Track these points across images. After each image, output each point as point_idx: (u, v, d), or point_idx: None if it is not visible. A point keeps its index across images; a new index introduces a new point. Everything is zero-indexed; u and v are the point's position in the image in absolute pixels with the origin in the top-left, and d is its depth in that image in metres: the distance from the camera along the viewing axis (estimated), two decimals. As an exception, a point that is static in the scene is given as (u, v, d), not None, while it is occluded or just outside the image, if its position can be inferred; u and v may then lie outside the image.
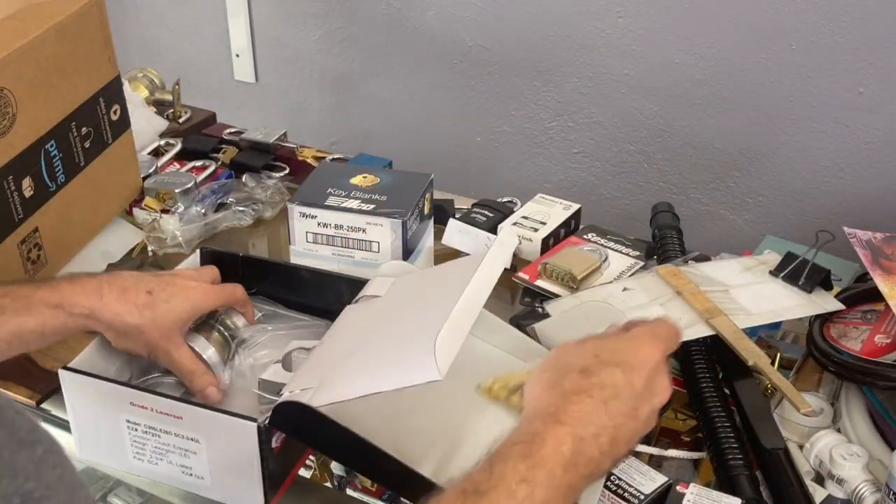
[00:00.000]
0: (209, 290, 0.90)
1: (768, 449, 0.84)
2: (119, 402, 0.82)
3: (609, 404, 0.65)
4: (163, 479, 0.85)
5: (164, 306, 0.85)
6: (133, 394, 0.81)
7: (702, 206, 1.60)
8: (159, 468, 0.84)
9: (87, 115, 1.12)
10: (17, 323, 0.81)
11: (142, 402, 0.81)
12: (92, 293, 0.83)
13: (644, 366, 0.68)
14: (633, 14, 1.51)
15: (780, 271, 1.02)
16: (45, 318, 0.82)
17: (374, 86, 1.85)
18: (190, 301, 0.87)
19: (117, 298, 0.83)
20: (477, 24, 1.66)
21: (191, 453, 0.82)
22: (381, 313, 0.87)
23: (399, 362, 0.72)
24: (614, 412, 0.65)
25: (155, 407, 0.81)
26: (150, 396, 0.81)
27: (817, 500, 0.82)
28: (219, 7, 1.94)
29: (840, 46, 1.37)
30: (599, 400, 0.65)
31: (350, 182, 1.05)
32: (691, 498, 0.76)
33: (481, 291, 0.76)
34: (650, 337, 0.71)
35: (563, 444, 0.63)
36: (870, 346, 0.91)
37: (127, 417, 0.83)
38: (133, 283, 0.85)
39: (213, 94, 2.02)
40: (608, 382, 0.66)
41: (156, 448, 0.83)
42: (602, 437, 0.64)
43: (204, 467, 0.82)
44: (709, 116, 1.53)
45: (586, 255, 1.13)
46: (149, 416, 0.81)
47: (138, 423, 0.82)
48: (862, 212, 1.46)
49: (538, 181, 1.73)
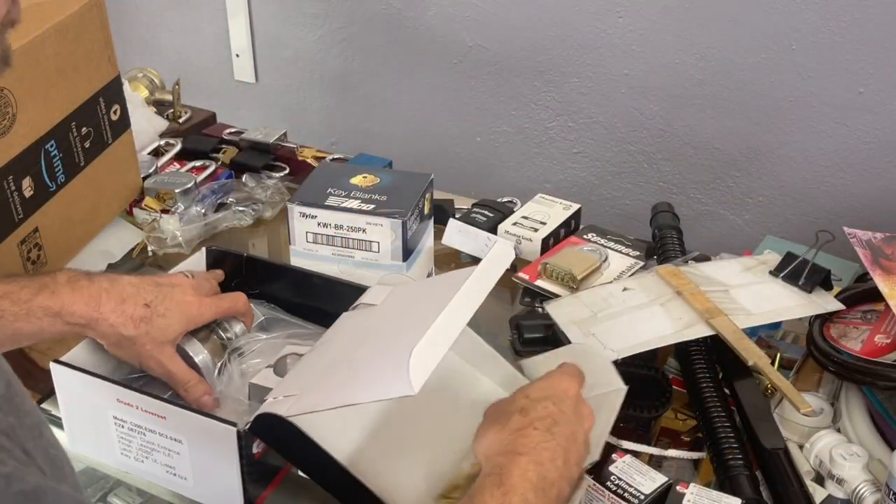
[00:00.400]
0: (207, 304, 0.90)
1: (768, 449, 0.84)
2: (107, 399, 0.83)
3: (553, 430, 0.72)
4: (149, 477, 0.86)
5: (160, 321, 0.86)
6: (120, 391, 0.82)
7: (702, 206, 1.60)
8: (145, 466, 0.85)
9: (87, 115, 1.12)
10: (14, 328, 0.82)
11: (128, 399, 0.81)
12: (90, 302, 0.84)
13: (567, 396, 0.76)
14: (633, 14, 1.51)
15: (780, 271, 1.02)
16: (42, 325, 0.83)
17: (374, 86, 1.85)
18: (186, 316, 0.88)
19: (114, 309, 0.84)
20: (477, 24, 1.66)
21: (174, 453, 0.82)
22: (371, 323, 0.87)
23: (375, 375, 0.72)
24: (559, 437, 0.72)
25: (141, 405, 0.81)
26: (137, 395, 0.81)
27: (817, 500, 0.82)
28: (219, 7, 1.94)
29: (840, 46, 1.37)
30: (544, 429, 0.72)
31: (350, 182, 1.05)
32: (691, 498, 0.76)
33: (467, 306, 0.75)
34: (563, 374, 0.79)
35: (528, 470, 0.68)
36: (870, 346, 0.91)
37: (114, 414, 0.83)
38: (132, 294, 0.86)
39: (213, 94, 2.02)
40: (545, 414, 0.73)
41: (141, 446, 0.83)
42: (557, 460, 0.70)
43: (187, 468, 0.82)
44: (709, 116, 1.53)
45: (586, 255, 1.13)
46: (135, 414, 0.82)
47: (125, 420, 0.83)
48: (862, 212, 1.46)
49: (538, 181, 1.73)
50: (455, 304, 0.72)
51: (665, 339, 0.93)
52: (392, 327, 0.81)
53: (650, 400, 0.91)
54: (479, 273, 0.76)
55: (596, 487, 0.78)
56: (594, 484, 0.78)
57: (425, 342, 0.68)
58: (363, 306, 0.91)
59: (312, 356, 0.84)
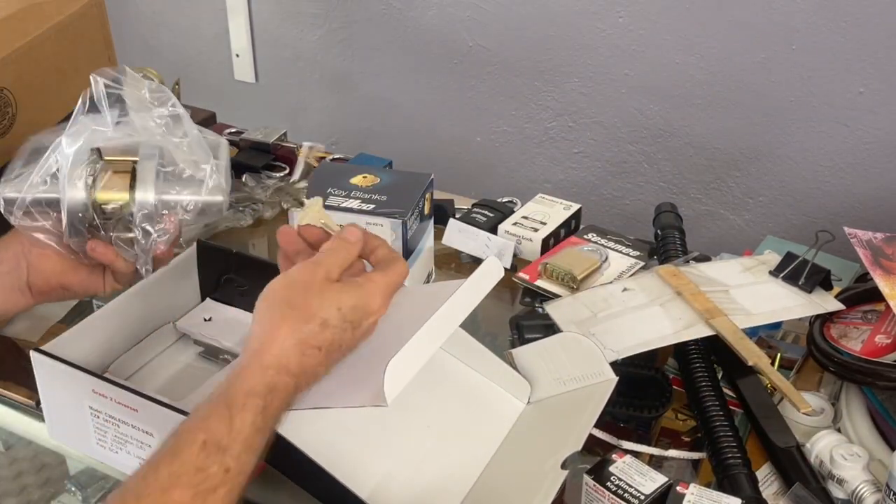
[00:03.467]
0: None
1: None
2: (83, 389, 0.83)
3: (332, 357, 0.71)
4: (123, 468, 0.86)
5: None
6: (96, 382, 0.82)
7: (702, 206, 1.60)
8: (119, 457, 0.85)
9: (87, 115, 1.12)
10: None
11: (102, 390, 0.82)
12: None
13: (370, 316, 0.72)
14: (634, 14, 1.51)
15: (780, 271, 1.02)
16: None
17: (374, 86, 1.85)
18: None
19: None
20: (477, 24, 1.66)
21: (146, 446, 0.82)
22: None
23: (351, 383, 0.73)
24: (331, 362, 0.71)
25: (114, 397, 0.81)
26: (111, 386, 0.81)
27: (817, 501, 0.82)
28: (219, 7, 1.94)
29: (840, 46, 1.37)
30: (325, 354, 0.69)
31: (350, 182, 1.05)
32: (691, 498, 0.76)
33: (450, 320, 0.75)
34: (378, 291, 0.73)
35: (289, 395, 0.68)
36: (870, 346, 0.91)
37: (90, 404, 0.84)
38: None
39: (213, 94, 2.02)
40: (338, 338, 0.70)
41: (116, 437, 0.84)
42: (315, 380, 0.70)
43: None
44: (709, 116, 1.53)
45: (586, 255, 1.13)
46: (109, 405, 0.82)
47: (100, 411, 0.84)
48: (862, 212, 1.46)
49: (538, 181, 1.73)
50: (437, 319, 0.72)
51: (665, 340, 0.93)
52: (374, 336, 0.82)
53: (650, 400, 0.91)
54: (465, 288, 0.76)
55: (596, 487, 0.78)
56: (594, 484, 0.78)
57: (403, 355, 0.68)
58: None
59: None
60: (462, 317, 0.76)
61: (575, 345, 0.88)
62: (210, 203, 0.90)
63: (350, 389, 0.71)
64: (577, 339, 0.90)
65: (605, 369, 0.86)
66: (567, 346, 0.89)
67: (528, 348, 0.92)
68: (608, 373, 0.86)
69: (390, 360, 0.67)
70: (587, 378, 0.87)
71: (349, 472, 0.74)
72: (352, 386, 0.72)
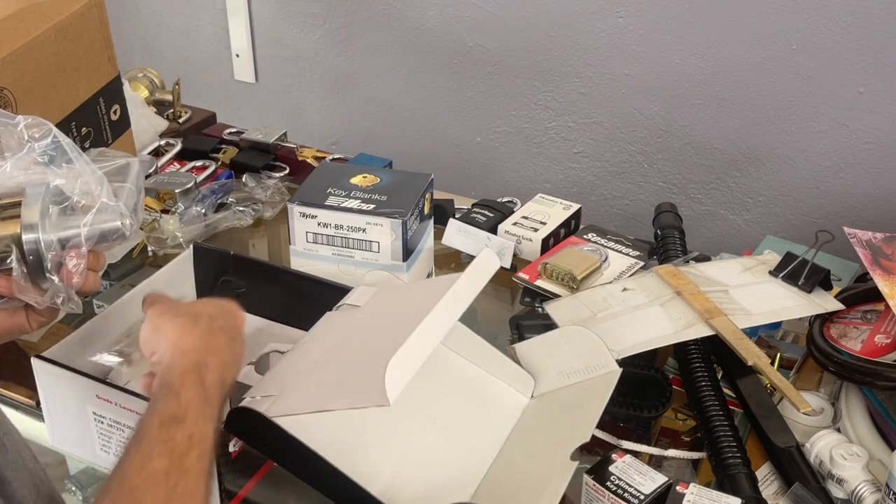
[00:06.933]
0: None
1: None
2: (86, 395, 0.83)
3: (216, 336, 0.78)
4: None
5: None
6: (99, 387, 0.82)
7: (702, 206, 1.60)
8: None
9: (87, 115, 1.12)
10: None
11: (107, 395, 0.82)
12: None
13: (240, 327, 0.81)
14: (633, 14, 1.51)
15: (779, 271, 1.02)
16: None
17: (374, 86, 1.85)
18: None
19: None
20: (477, 24, 1.66)
21: None
22: (353, 326, 0.87)
23: (352, 383, 0.73)
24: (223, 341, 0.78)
25: (119, 402, 0.81)
26: (115, 391, 0.81)
27: (817, 500, 0.82)
28: (219, 7, 1.94)
29: (840, 46, 1.37)
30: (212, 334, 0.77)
31: (350, 182, 1.05)
32: (691, 498, 0.76)
33: (447, 316, 0.75)
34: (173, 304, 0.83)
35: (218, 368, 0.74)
36: (870, 346, 0.91)
37: (94, 410, 0.84)
38: None
39: (213, 94, 2.02)
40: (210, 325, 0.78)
41: (120, 442, 0.84)
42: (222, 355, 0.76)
43: None
44: (709, 116, 1.53)
45: (586, 255, 1.13)
46: (114, 411, 0.82)
47: (104, 416, 0.83)
48: (862, 212, 1.46)
49: (538, 181, 1.73)
50: (435, 315, 0.72)
51: (665, 339, 0.93)
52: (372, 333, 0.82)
53: (650, 400, 0.91)
54: (462, 282, 0.76)
55: (596, 487, 0.78)
56: (594, 484, 0.78)
57: (402, 353, 0.68)
58: (347, 307, 0.91)
59: (293, 356, 0.85)
60: (459, 312, 0.76)
61: (578, 337, 0.88)
62: (107, 230, 0.84)
63: (352, 390, 0.71)
64: (580, 331, 0.89)
65: (608, 361, 0.86)
66: (570, 338, 0.88)
67: (530, 342, 0.92)
68: (612, 364, 0.86)
69: (390, 360, 0.67)
70: (591, 370, 0.87)
71: (359, 469, 0.74)
72: (353, 387, 0.72)
